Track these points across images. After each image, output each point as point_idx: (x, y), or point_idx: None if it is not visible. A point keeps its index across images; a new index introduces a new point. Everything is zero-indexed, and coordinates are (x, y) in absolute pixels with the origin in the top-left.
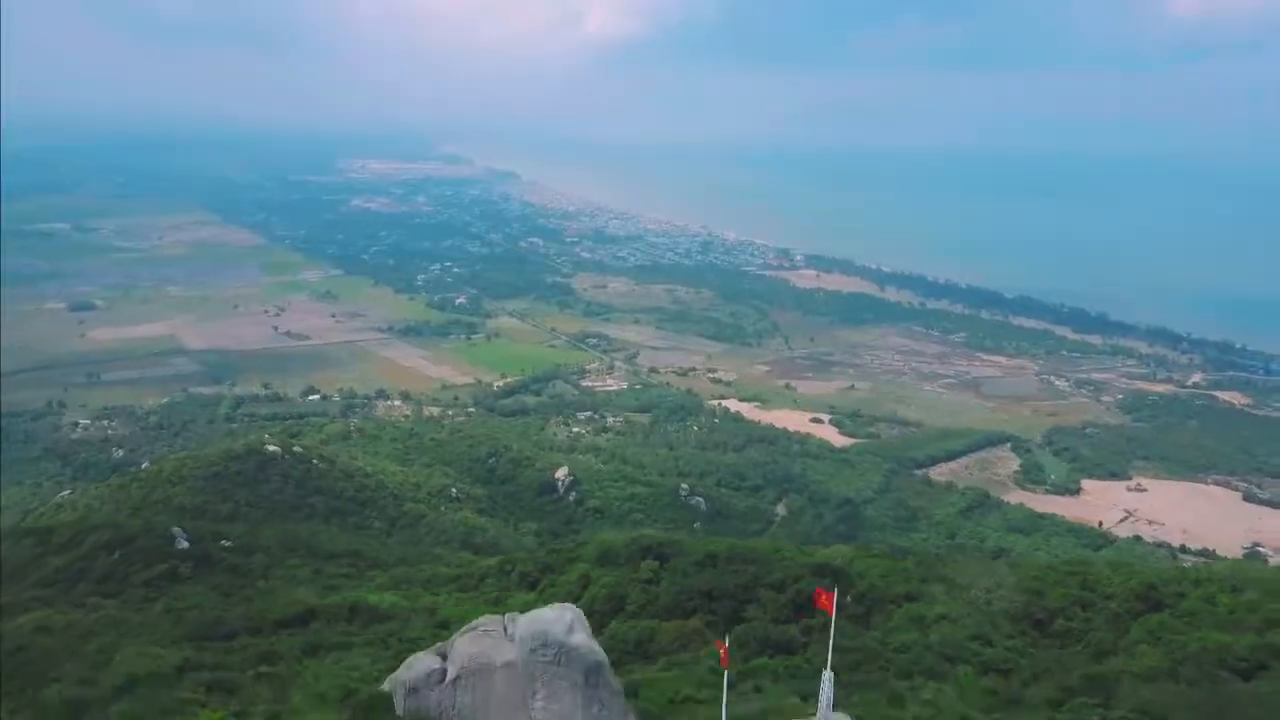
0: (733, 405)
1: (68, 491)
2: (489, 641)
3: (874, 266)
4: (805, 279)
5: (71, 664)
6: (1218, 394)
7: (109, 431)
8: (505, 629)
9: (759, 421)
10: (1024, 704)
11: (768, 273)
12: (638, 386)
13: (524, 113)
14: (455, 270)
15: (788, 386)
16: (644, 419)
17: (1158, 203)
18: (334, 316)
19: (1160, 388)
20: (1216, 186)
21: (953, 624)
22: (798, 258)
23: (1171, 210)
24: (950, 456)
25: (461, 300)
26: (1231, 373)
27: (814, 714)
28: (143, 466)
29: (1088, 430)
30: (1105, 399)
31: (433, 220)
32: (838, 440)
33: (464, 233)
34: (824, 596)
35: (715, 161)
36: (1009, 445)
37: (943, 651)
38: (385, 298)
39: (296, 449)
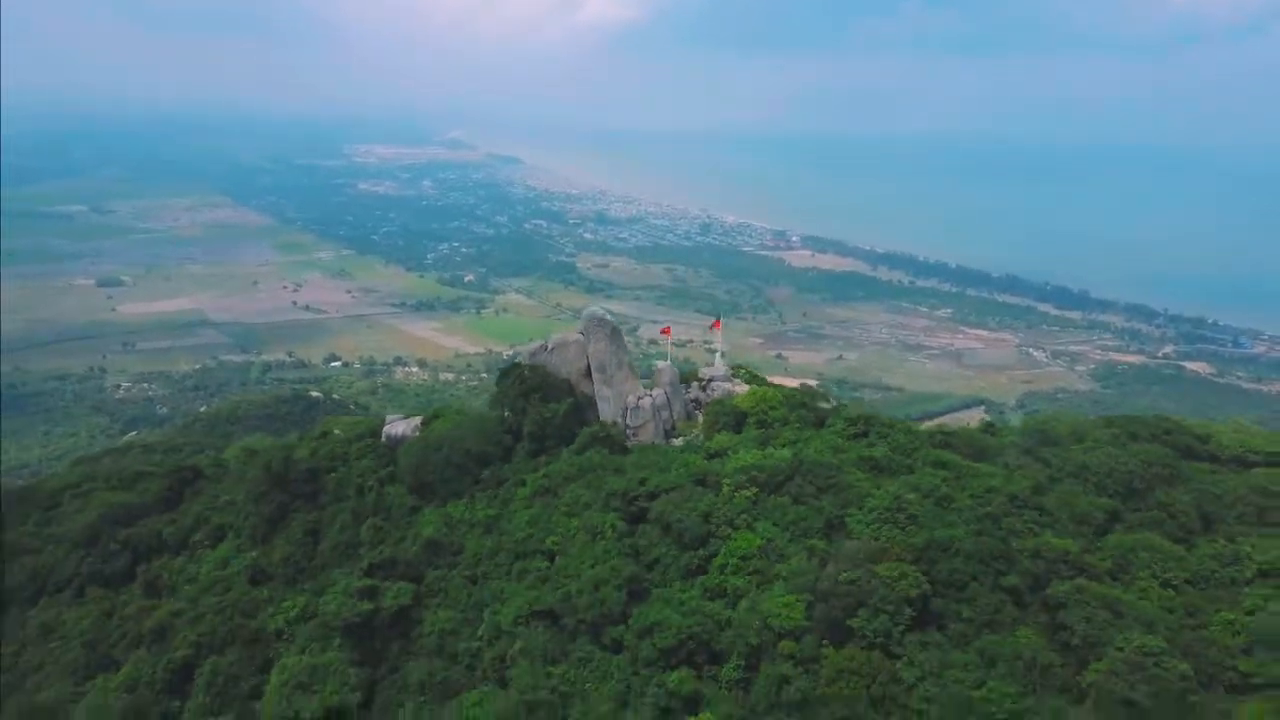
0: None
1: (134, 433)
2: (569, 333)
3: (867, 247)
4: (800, 259)
5: None
6: (1186, 364)
7: (150, 393)
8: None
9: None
10: None
11: (764, 253)
12: (639, 357)
13: (524, 98)
14: (463, 250)
15: (779, 356)
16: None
17: (1148, 187)
18: (349, 292)
19: (1132, 358)
20: (1208, 171)
21: None
22: (794, 239)
23: (1161, 194)
24: (927, 417)
25: (470, 278)
26: (1201, 345)
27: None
28: (200, 410)
29: (1058, 395)
30: (1079, 368)
31: (439, 203)
32: None
33: (470, 215)
34: (716, 323)
35: (715, 146)
36: (982, 408)
37: None
38: (397, 275)
39: (335, 396)
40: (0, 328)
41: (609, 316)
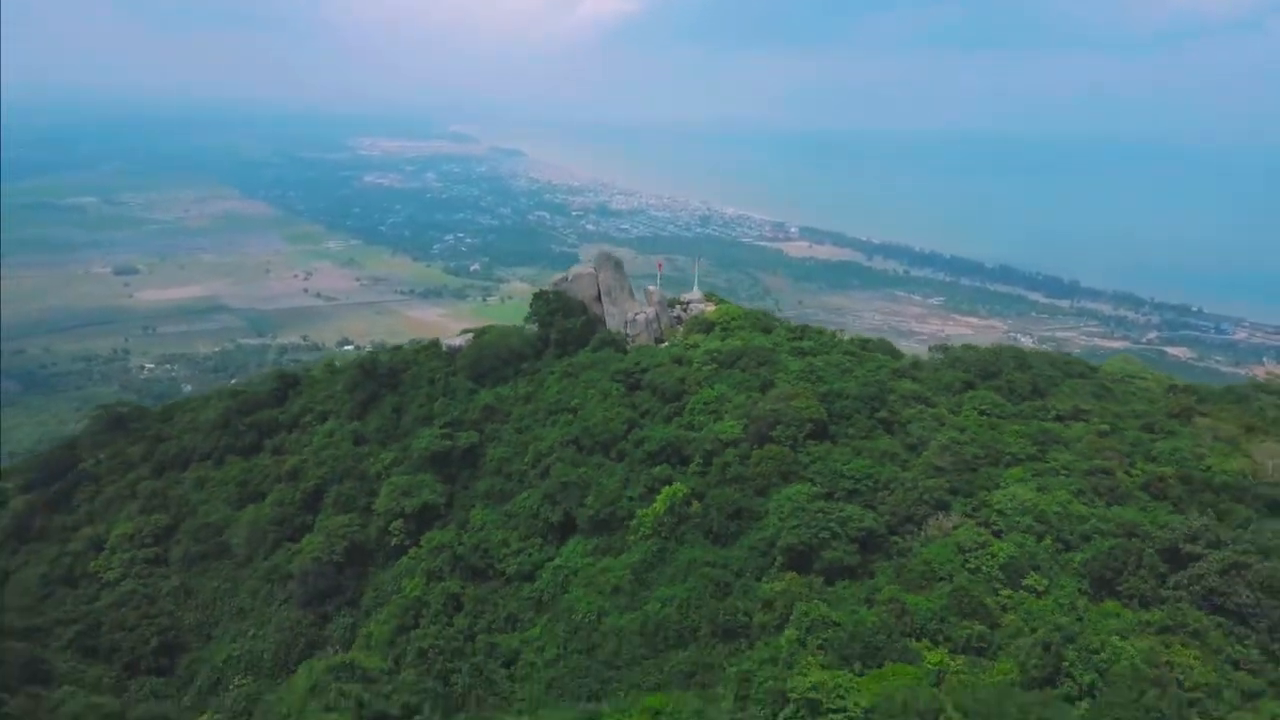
0: None
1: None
2: (584, 266)
3: (864, 238)
4: (798, 249)
5: None
6: (1168, 349)
7: (173, 373)
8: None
9: None
10: None
11: (763, 244)
12: None
13: (525, 93)
14: (468, 241)
15: None
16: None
17: (1145, 182)
18: (358, 280)
19: (1116, 344)
20: (1206, 167)
21: None
22: (792, 230)
23: (1157, 189)
24: None
25: (475, 267)
26: (1184, 331)
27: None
28: (232, 381)
29: None
30: (1064, 353)
31: (444, 195)
32: None
33: (474, 207)
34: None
35: (714, 140)
36: None
37: None
38: (404, 265)
39: None
40: (0, 314)
41: (614, 253)
